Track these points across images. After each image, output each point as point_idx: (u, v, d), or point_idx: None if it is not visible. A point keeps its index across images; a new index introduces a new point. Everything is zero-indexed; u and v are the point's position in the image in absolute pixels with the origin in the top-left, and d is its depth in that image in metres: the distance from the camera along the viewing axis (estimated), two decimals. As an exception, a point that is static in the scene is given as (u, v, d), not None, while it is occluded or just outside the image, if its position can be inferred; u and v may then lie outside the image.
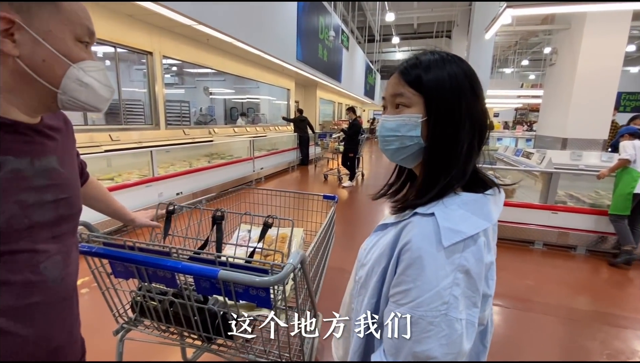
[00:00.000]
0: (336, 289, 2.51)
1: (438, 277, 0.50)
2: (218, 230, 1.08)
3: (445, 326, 0.49)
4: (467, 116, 0.54)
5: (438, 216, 0.52)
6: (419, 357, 0.51)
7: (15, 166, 0.55)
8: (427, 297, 0.50)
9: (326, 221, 1.36)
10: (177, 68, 8.02)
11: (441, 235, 0.50)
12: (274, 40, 6.41)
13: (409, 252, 0.52)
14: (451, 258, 0.50)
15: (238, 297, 0.87)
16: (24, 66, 0.53)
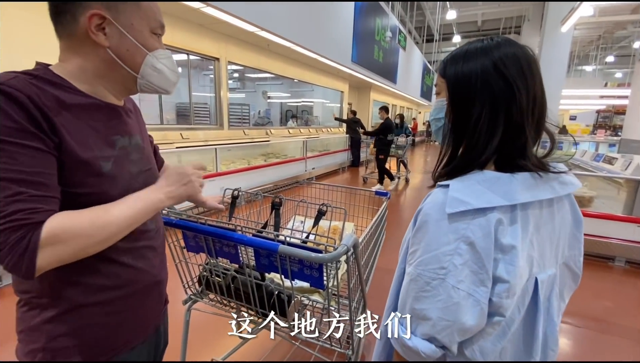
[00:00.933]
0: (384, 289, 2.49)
1: (439, 242, 0.53)
2: (276, 215, 1.16)
3: (442, 290, 0.52)
4: (483, 98, 0.55)
5: (451, 187, 0.55)
6: (417, 315, 0.56)
7: (123, 143, 0.68)
8: (427, 257, 0.54)
9: (377, 215, 1.37)
10: (239, 74, 8.59)
11: (446, 203, 0.53)
12: (330, 43, 6.54)
13: (420, 216, 0.57)
14: (455, 227, 0.52)
15: (293, 275, 0.93)
16: (113, 55, 0.62)
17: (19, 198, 0.49)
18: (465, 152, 0.59)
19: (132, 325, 0.71)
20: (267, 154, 6.06)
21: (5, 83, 0.51)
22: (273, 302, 1.08)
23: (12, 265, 0.48)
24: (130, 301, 0.69)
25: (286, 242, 0.85)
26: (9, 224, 0.47)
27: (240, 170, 4.73)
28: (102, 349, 0.67)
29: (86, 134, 0.60)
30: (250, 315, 1.18)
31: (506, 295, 0.52)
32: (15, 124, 0.50)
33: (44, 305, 0.61)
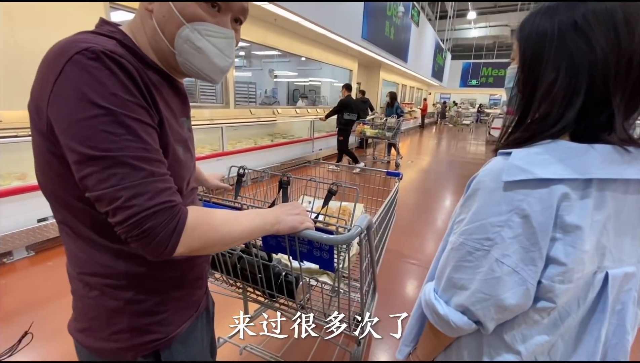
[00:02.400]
0: (392, 271, 2.48)
1: (489, 211, 0.49)
2: (284, 194, 1.11)
3: (484, 262, 0.49)
4: (559, 61, 0.49)
5: (513, 154, 0.50)
6: (454, 284, 0.53)
7: (187, 125, 0.66)
8: (473, 226, 0.51)
9: (390, 196, 1.31)
10: (245, 51, 8.38)
11: (503, 170, 0.48)
12: (340, 17, 6.28)
13: (473, 183, 0.53)
14: (509, 196, 0.47)
15: (302, 257, 0.89)
16: (154, 22, 0.54)
17: (155, 178, 0.47)
18: (535, 120, 0.52)
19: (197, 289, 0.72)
20: (274, 134, 5.98)
21: (115, 52, 0.46)
22: (280, 283, 1.04)
23: (156, 245, 0.47)
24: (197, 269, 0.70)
25: (294, 222, 0.80)
26: (160, 206, 0.47)
27: (246, 149, 4.68)
28: (180, 317, 0.67)
29: (168, 113, 0.56)
30: (257, 295, 1.16)
31: (560, 279, 0.47)
32: (134, 99, 0.47)
33: (117, 287, 0.58)
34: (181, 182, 0.60)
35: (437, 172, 6.39)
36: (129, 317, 0.59)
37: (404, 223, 3.50)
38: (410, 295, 2.28)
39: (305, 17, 5.19)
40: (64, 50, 0.45)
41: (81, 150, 0.44)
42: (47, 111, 0.45)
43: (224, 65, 0.60)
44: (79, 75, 0.43)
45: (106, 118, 0.44)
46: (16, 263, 2.31)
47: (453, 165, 7.29)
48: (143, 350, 0.61)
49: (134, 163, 0.45)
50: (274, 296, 1.07)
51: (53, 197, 0.55)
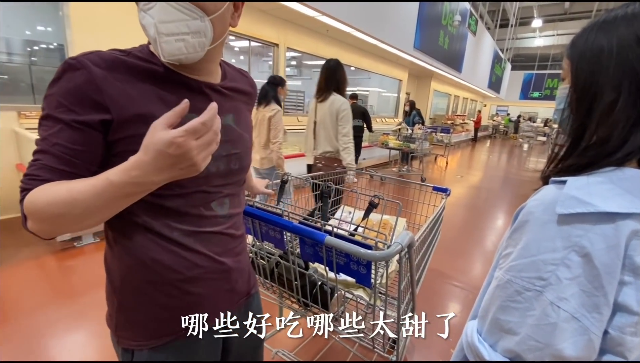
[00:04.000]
0: (434, 292, 2.35)
1: (540, 246, 0.44)
2: (325, 203, 1.11)
3: (536, 305, 0.43)
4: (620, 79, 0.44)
5: (569, 183, 0.44)
6: (500, 326, 0.47)
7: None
8: (522, 262, 0.45)
9: (436, 213, 1.25)
10: (296, 61, 8.65)
11: (558, 202, 0.43)
12: (392, 27, 6.23)
13: (521, 215, 0.48)
14: (566, 231, 0.42)
15: (338, 269, 0.87)
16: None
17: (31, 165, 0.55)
18: (593, 145, 0.47)
19: (192, 310, 0.66)
20: (319, 142, 6.06)
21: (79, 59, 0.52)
22: (315, 292, 1.04)
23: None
24: (188, 285, 0.64)
25: (333, 233, 0.80)
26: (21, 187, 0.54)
27: (292, 156, 4.79)
28: (162, 330, 0.65)
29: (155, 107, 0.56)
30: (292, 302, 1.17)
31: (632, 331, 0.41)
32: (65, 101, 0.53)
33: (113, 276, 0.64)
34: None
35: (489, 189, 5.98)
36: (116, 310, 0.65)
37: (449, 241, 3.31)
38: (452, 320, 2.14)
39: (357, 28, 5.23)
40: None
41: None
42: None
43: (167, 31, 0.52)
44: None
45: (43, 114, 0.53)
46: (84, 247, 2.59)
47: (508, 183, 6.78)
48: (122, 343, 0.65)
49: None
50: (308, 305, 1.06)
51: None
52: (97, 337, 1.71)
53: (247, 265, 0.80)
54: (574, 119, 0.50)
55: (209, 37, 0.56)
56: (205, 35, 0.55)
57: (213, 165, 0.63)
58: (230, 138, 0.66)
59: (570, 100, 0.51)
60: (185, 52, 0.54)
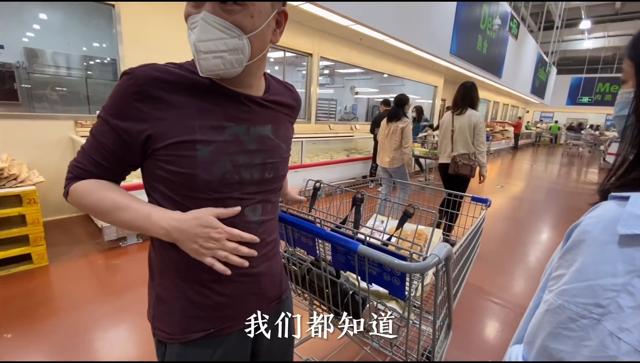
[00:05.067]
0: (470, 308, 2.22)
1: (598, 270, 0.40)
2: (357, 211, 1.09)
3: (593, 335, 0.39)
4: None
5: (632, 199, 0.40)
6: (550, 355, 0.43)
7: (235, 131, 0.63)
8: (577, 287, 0.41)
9: (475, 225, 1.19)
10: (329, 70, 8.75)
11: (620, 221, 0.39)
12: (427, 33, 6.11)
13: (575, 233, 0.44)
14: (629, 254, 0.38)
15: (371, 279, 0.85)
16: None
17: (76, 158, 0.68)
18: None
19: (221, 311, 0.69)
20: (350, 149, 6.04)
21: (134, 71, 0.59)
22: (347, 301, 1.02)
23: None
24: (218, 286, 0.67)
25: (366, 242, 0.78)
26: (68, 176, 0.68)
27: (323, 163, 4.81)
28: (193, 326, 0.67)
29: (193, 116, 0.60)
30: (323, 310, 1.15)
31: None
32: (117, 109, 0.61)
33: (153, 270, 0.72)
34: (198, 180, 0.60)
35: (532, 201, 5.60)
36: (154, 303, 0.71)
37: (489, 255, 3.13)
38: (490, 338, 2.00)
39: (392, 35, 5.19)
40: None
41: None
42: None
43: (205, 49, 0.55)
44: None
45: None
46: (128, 247, 2.76)
47: (554, 194, 6.31)
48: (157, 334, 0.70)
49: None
50: (339, 314, 1.05)
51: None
52: (138, 332, 1.80)
53: (279, 270, 0.81)
54: (638, 128, 0.45)
55: (246, 54, 0.59)
56: (242, 53, 0.58)
57: (247, 173, 0.65)
58: (266, 148, 0.68)
59: (636, 107, 0.46)
60: (222, 68, 0.58)
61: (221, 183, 0.62)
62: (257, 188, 0.68)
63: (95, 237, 2.86)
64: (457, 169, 2.86)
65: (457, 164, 2.88)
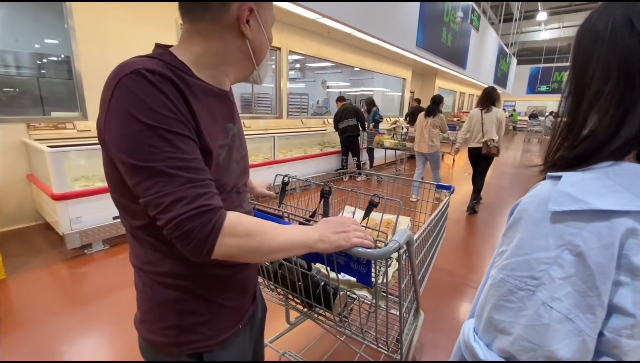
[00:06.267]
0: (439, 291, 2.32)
1: (533, 245, 0.43)
2: (325, 204, 1.11)
3: (529, 305, 0.42)
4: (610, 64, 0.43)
5: (564, 179, 0.43)
6: (494, 326, 0.46)
7: (233, 131, 0.67)
8: (515, 261, 0.44)
9: (438, 210, 1.24)
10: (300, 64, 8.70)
11: (550, 199, 0.42)
12: (394, 26, 6.22)
13: (515, 212, 0.47)
14: (559, 230, 0.41)
15: (339, 269, 0.87)
16: (249, 47, 0.63)
17: (193, 184, 0.51)
18: (584, 136, 0.45)
19: (243, 299, 0.74)
20: (324, 143, 6.06)
21: (154, 70, 0.51)
22: (318, 293, 1.04)
23: (195, 246, 0.51)
24: (240, 276, 0.71)
25: (332, 232, 0.79)
26: (198, 210, 0.51)
27: (296, 158, 4.81)
28: (227, 325, 0.69)
29: (209, 121, 0.60)
30: (296, 303, 1.17)
31: (628, 333, 0.39)
32: (172, 114, 0.52)
33: (168, 285, 0.63)
34: (220, 183, 0.62)
35: (498, 186, 5.90)
36: (176, 315, 0.63)
37: (459, 239, 3.27)
38: (461, 317, 2.11)
39: (359, 29, 5.23)
40: (116, 75, 0.52)
41: (129, 162, 0.50)
42: (104, 129, 0.53)
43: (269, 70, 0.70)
44: (125, 96, 0.50)
45: (147, 133, 0.49)
46: (94, 254, 2.64)
47: (517, 179, 6.68)
48: (187, 349, 0.65)
49: (173, 172, 0.50)
50: (312, 306, 1.06)
51: (115, 200, 0.62)
52: (108, 341, 1.73)
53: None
54: (568, 109, 0.48)
55: None
56: None
57: (239, 167, 0.69)
58: (242, 141, 0.73)
59: (570, 84, 0.49)
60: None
61: (232, 183, 0.66)
62: (242, 180, 0.72)
63: (57, 246, 2.71)
64: (489, 150, 3.82)
65: (489, 146, 3.82)
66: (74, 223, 2.51)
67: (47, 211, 2.79)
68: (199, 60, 0.61)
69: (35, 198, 2.99)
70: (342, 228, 0.67)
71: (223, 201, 0.59)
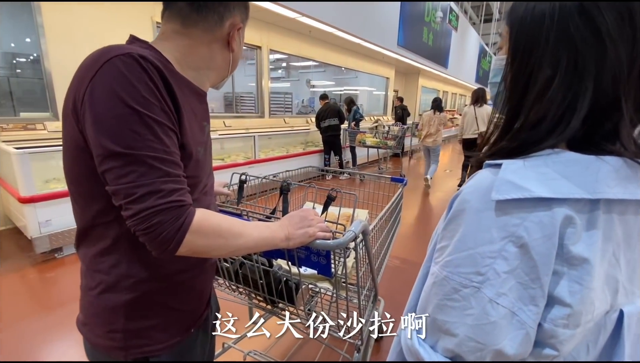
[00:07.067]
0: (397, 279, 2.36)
1: (477, 238, 0.40)
2: (284, 200, 1.11)
3: (474, 303, 0.40)
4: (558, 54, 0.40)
5: (504, 166, 0.40)
6: (438, 327, 0.43)
7: (207, 130, 0.70)
8: (459, 256, 0.41)
9: (391, 202, 1.27)
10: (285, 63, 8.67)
11: (493, 187, 0.39)
12: (375, 26, 6.27)
13: (456, 204, 0.44)
14: (502, 221, 0.39)
15: (300, 262, 0.88)
16: (231, 59, 0.69)
17: (169, 179, 0.50)
18: (525, 127, 0.43)
19: (198, 303, 0.73)
20: (307, 143, 6.06)
21: (148, 58, 0.51)
22: (281, 289, 1.04)
23: (161, 240, 0.49)
24: (197, 281, 0.70)
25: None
26: (169, 204, 0.50)
27: (278, 158, 4.79)
28: (177, 329, 0.68)
29: (191, 117, 0.60)
30: (259, 301, 1.17)
31: (564, 323, 0.39)
32: (159, 103, 0.50)
33: (121, 288, 0.60)
34: (197, 181, 0.63)
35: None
36: (124, 319, 0.61)
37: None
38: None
39: (339, 27, 5.25)
40: (104, 53, 0.50)
41: (106, 145, 0.47)
42: (81, 107, 0.49)
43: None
44: (114, 76, 0.48)
45: (133, 118, 0.48)
46: (65, 258, 2.57)
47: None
48: (134, 353, 0.63)
49: (152, 163, 0.49)
50: (275, 301, 1.07)
51: (76, 193, 0.59)
52: (79, 345, 1.70)
53: None
54: (509, 96, 0.46)
55: None
56: None
57: (208, 166, 0.71)
58: (210, 144, 0.74)
59: (505, 74, 0.46)
60: None
61: (204, 181, 0.68)
62: (210, 181, 0.74)
63: (27, 250, 2.62)
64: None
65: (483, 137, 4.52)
66: (43, 227, 2.44)
67: (15, 215, 2.70)
68: (184, 59, 0.62)
69: (4, 202, 2.88)
70: (306, 223, 0.69)
71: (194, 201, 0.58)
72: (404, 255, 2.83)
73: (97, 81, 0.48)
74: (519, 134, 0.43)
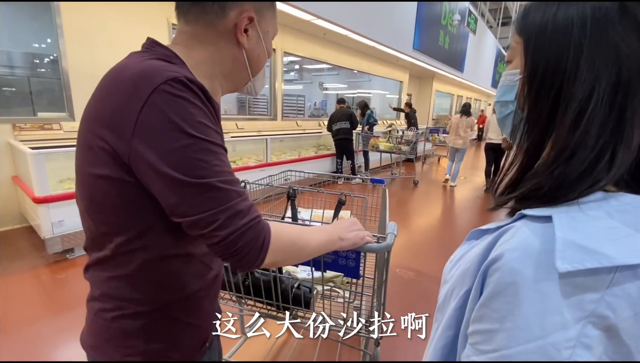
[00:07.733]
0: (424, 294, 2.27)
1: (544, 324, 0.30)
2: (292, 206, 1.07)
3: None
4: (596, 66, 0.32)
5: (558, 222, 0.32)
6: None
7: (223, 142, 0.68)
8: (525, 350, 0.31)
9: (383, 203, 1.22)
10: (298, 65, 8.69)
11: (555, 253, 0.30)
12: (390, 29, 6.20)
13: (499, 272, 0.33)
14: (576, 297, 0.29)
15: (326, 267, 0.87)
16: (245, 58, 0.60)
17: (241, 198, 0.51)
18: (563, 158, 0.34)
19: (210, 316, 0.69)
20: (319, 146, 6.02)
21: (194, 81, 0.49)
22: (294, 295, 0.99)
23: (248, 260, 0.51)
24: (210, 293, 0.68)
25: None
26: (251, 222, 0.50)
27: (289, 161, 4.76)
28: (194, 345, 0.65)
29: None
30: (271, 310, 1.11)
31: None
32: (213, 126, 0.51)
33: (140, 313, 0.57)
34: None
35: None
36: (144, 343, 0.58)
37: (451, 243, 3.22)
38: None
39: (355, 30, 5.21)
40: (147, 78, 0.46)
41: (176, 177, 0.46)
42: (133, 140, 0.46)
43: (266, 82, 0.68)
44: (168, 105, 0.46)
45: (196, 146, 0.47)
46: (76, 259, 2.57)
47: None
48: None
49: (224, 186, 0.49)
50: (289, 308, 1.02)
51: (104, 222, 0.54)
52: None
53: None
54: (530, 123, 0.38)
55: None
56: None
57: None
58: None
59: (520, 93, 0.39)
60: None
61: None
62: None
63: (40, 249, 2.64)
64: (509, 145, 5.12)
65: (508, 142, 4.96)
66: (55, 227, 2.45)
67: (30, 214, 2.72)
68: (198, 67, 0.57)
69: (20, 200, 2.92)
70: (357, 227, 0.72)
71: None
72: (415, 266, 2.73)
73: (150, 112, 0.46)
74: (558, 168, 0.34)
